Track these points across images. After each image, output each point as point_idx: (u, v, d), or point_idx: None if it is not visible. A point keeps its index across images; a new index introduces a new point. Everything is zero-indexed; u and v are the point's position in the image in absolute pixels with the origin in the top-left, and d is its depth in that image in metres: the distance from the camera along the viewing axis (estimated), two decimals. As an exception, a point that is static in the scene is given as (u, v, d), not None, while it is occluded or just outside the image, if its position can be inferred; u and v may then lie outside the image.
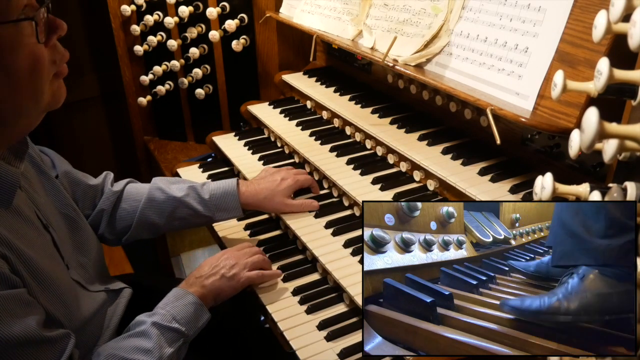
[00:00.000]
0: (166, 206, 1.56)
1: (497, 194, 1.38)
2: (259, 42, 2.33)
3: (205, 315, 1.32)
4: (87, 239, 1.41)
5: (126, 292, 1.47)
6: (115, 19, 2.36)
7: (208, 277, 1.37)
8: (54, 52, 1.07)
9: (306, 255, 1.58)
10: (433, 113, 1.78)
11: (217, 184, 1.60)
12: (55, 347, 1.06)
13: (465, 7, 1.53)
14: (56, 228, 1.27)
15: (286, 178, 1.64)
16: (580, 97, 1.18)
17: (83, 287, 1.31)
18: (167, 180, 1.63)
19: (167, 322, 1.25)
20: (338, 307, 1.41)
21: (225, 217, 1.60)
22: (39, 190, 1.28)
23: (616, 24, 0.77)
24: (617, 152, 0.73)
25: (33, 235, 1.16)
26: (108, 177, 1.61)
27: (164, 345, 1.22)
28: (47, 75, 1.05)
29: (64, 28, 1.07)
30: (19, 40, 0.98)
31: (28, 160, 1.28)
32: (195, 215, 1.57)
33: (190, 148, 2.56)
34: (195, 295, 1.32)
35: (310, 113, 2.13)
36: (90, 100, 3.13)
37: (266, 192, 1.60)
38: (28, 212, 1.17)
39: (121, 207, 1.56)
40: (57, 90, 1.10)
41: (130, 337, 1.23)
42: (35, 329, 1.01)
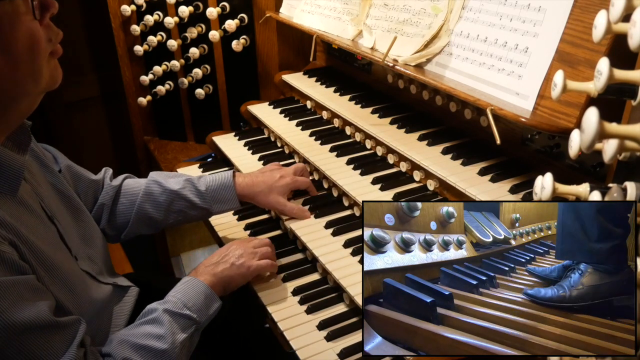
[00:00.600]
0: (163, 199, 1.57)
1: (497, 194, 1.39)
2: (259, 42, 2.33)
3: (215, 303, 1.33)
4: (92, 232, 1.42)
5: (133, 291, 1.47)
6: (115, 19, 2.36)
7: (218, 265, 1.38)
8: (49, 30, 1.08)
9: (306, 255, 1.58)
10: (433, 113, 1.78)
11: (214, 176, 1.61)
12: (66, 331, 1.06)
13: (465, 7, 1.53)
14: (61, 220, 1.28)
15: (285, 177, 1.64)
16: (580, 97, 1.18)
17: (93, 277, 1.32)
18: (165, 174, 1.64)
19: (179, 309, 1.26)
20: (338, 307, 1.41)
21: (222, 208, 1.60)
22: (42, 183, 1.28)
23: (616, 24, 0.77)
24: (617, 152, 0.73)
25: (39, 226, 1.16)
26: (107, 172, 1.62)
27: (176, 331, 1.22)
28: (44, 53, 1.06)
29: (56, 6, 1.08)
30: (16, 17, 0.99)
31: (31, 155, 1.29)
32: (192, 207, 1.58)
33: (190, 148, 2.56)
34: (205, 283, 1.33)
35: (310, 113, 2.13)
36: (90, 100, 3.13)
37: (263, 185, 1.60)
38: (32, 203, 1.17)
39: (120, 202, 1.58)
40: (54, 69, 1.11)
41: (142, 325, 1.23)
42: (46, 312, 1.02)
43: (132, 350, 1.17)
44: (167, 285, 1.36)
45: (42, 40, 1.04)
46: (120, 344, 1.17)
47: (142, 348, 1.18)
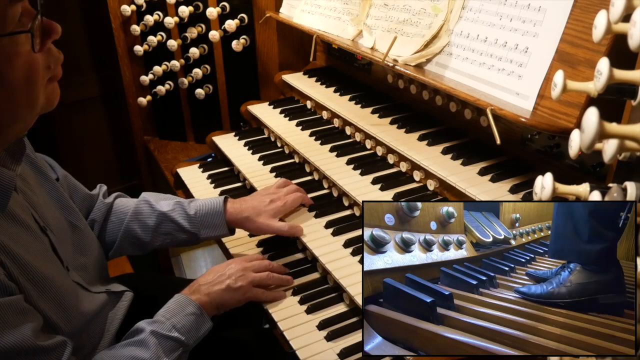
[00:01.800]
0: (151, 220, 1.53)
1: (497, 194, 1.39)
2: (259, 42, 2.33)
3: (206, 325, 1.30)
4: (88, 240, 1.40)
5: (127, 295, 1.46)
6: (115, 19, 2.36)
7: (213, 286, 1.35)
8: (49, 56, 1.04)
9: (306, 255, 1.58)
10: (433, 113, 1.78)
11: (205, 201, 1.56)
12: (50, 356, 1.05)
13: (465, 7, 1.53)
14: (55, 229, 1.26)
15: (276, 201, 1.58)
16: (580, 97, 1.18)
17: (84, 288, 1.30)
18: (157, 196, 1.60)
19: (167, 331, 1.23)
20: (338, 307, 1.41)
21: (210, 234, 1.55)
22: (37, 191, 1.27)
23: (616, 24, 0.77)
24: (617, 152, 0.73)
25: (29, 240, 1.14)
26: (102, 188, 1.61)
27: (161, 356, 1.20)
28: (42, 82, 1.03)
29: (59, 32, 1.04)
30: (15, 50, 0.96)
31: (27, 162, 1.28)
32: (180, 230, 1.54)
33: (190, 148, 2.56)
34: (197, 304, 1.30)
35: (310, 113, 2.13)
36: (90, 100, 3.13)
37: (250, 211, 1.55)
38: (24, 216, 1.15)
39: (110, 220, 1.55)
40: (52, 93, 1.08)
41: (127, 346, 1.21)
42: (29, 338, 1.00)
43: None
44: (167, 286, 1.36)
45: (39, 71, 1.01)
46: None
47: None
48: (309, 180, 1.81)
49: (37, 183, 1.29)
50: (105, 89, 3.14)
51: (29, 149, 1.30)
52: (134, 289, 1.50)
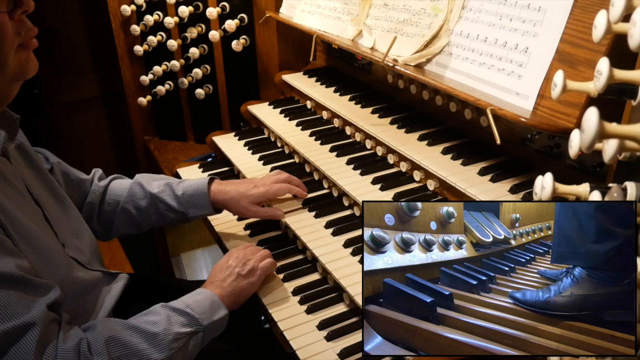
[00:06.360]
0: (144, 202, 1.61)
1: (497, 194, 1.39)
2: (259, 42, 2.33)
3: (221, 310, 1.31)
4: (80, 226, 1.43)
5: (123, 276, 1.48)
6: (115, 19, 2.36)
7: (224, 279, 1.38)
8: (20, 25, 1.11)
9: (306, 255, 1.58)
10: (433, 113, 1.78)
11: (191, 182, 1.63)
12: (35, 290, 1.05)
13: (465, 7, 1.53)
14: (49, 210, 1.29)
15: (259, 186, 1.63)
16: (580, 97, 1.18)
17: (80, 264, 1.32)
18: (149, 177, 1.67)
19: (179, 306, 1.25)
20: (338, 307, 1.41)
21: (197, 213, 1.62)
22: (29, 178, 1.30)
23: (616, 24, 0.77)
24: (617, 152, 0.73)
25: (22, 202, 1.17)
26: (97, 172, 1.67)
27: (173, 323, 1.20)
28: (10, 44, 1.09)
29: (31, 5, 1.11)
30: None
31: (20, 153, 1.31)
32: (170, 210, 1.61)
33: (190, 148, 2.56)
34: (212, 292, 1.32)
35: (310, 113, 2.13)
36: (90, 100, 3.14)
37: (234, 193, 1.61)
38: (17, 183, 1.19)
39: (106, 202, 1.63)
40: (25, 61, 1.14)
41: (136, 317, 1.22)
42: (13, 268, 1.01)
43: (120, 328, 1.15)
44: (167, 286, 1.36)
45: (7, 32, 1.07)
46: (107, 323, 1.16)
47: (132, 327, 1.16)
48: (309, 180, 1.81)
49: (30, 173, 1.32)
50: (105, 88, 3.14)
51: (25, 140, 1.36)
52: (133, 289, 1.50)
